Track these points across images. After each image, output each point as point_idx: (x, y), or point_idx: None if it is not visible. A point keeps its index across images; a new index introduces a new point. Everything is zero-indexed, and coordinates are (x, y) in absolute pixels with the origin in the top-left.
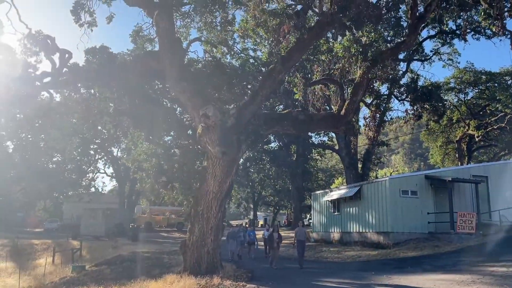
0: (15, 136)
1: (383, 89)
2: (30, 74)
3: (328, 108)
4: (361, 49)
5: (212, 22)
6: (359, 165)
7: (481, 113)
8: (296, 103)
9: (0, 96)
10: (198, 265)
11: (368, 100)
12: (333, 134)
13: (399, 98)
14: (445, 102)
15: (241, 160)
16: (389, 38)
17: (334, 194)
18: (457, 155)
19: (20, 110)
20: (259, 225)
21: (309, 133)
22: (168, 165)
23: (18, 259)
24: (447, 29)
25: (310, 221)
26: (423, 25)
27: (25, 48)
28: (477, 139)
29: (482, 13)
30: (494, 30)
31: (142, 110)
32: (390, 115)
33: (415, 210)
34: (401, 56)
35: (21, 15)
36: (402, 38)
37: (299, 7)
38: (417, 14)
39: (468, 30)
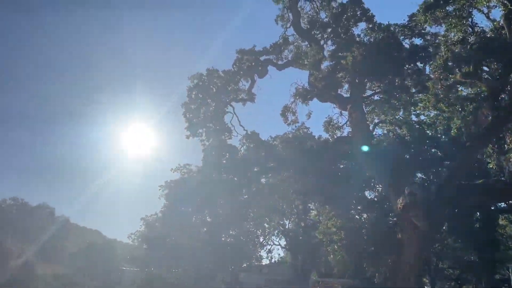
0: (198, 212)
1: None
2: (249, 167)
3: None
4: None
5: (396, 105)
6: None
7: None
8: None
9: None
10: None
11: None
12: None
13: None
14: None
15: None
16: None
17: None
18: None
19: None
20: None
21: None
22: (357, 238)
23: None
24: None
25: None
26: None
27: (244, 146)
28: None
29: None
30: None
31: (330, 189)
32: None
33: None
34: None
35: (240, 121)
36: None
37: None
38: None
39: None
